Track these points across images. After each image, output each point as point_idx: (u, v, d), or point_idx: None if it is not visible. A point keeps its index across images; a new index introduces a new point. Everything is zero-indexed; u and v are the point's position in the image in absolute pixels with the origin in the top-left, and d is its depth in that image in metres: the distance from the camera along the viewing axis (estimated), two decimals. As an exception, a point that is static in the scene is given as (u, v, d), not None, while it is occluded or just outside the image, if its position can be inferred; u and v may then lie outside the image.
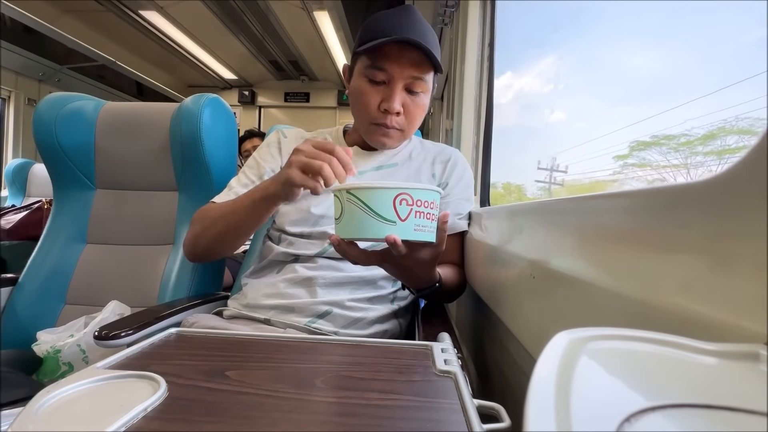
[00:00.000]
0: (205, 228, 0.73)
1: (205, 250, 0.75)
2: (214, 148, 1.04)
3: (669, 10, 0.67)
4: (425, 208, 0.50)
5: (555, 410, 0.13)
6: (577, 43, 1.04)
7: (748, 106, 0.50)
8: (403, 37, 0.67)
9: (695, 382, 0.16)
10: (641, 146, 0.75)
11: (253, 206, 0.66)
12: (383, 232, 0.49)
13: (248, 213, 0.67)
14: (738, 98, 0.50)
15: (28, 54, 3.21)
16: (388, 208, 0.49)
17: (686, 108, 0.60)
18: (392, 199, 0.48)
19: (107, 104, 1.13)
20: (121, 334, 0.64)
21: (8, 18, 2.83)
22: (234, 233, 0.71)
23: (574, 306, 0.35)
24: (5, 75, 3.15)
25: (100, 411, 0.28)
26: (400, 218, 0.49)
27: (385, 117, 0.73)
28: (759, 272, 0.20)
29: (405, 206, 0.49)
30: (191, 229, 0.76)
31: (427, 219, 0.51)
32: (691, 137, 0.65)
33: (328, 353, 0.42)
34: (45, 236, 1.08)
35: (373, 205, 0.49)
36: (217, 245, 0.74)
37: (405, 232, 0.49)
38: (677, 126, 0.65)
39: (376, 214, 0.49)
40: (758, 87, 0.42)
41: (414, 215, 0.49)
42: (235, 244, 0.75)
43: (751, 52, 0.47)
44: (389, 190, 0.48)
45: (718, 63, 0.59)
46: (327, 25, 3.28)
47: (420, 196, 0.49)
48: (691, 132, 0.64)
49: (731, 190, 0.23)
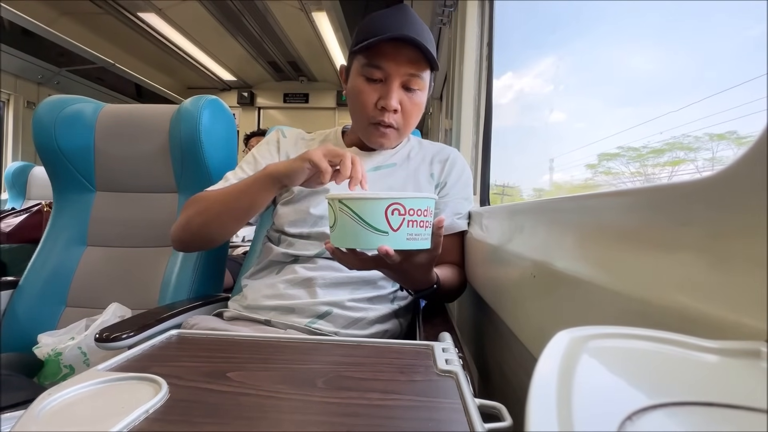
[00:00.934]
0: (198, 211, 0.71)
1: (194, 236, 0.73)
2: (214, 150, 1.04)
3: (669, 10, 0.67)
4: (418, 217, 0.50)
5: (557, 409, 0.13)
6: (577, 44, 1.05)
7: (730, 114, 0.53)
8: (399, 34, 0.67)
9: (696, 380, 0.16)
10: (607, 157, 0.86)
11: (254, 184, 0.66)
12: (376, 243, 0.49)
13: (247, 193, 0.67)
14: (730, 102, 0.51)
15: (27, 57, 3.21)
16: (379, 219, 0.48)
17: (683, 109, 0.61)
18: (384, 209, 0.48)
19: (106, 107, 1.13)
20: (122, 337, 0.64)
21: (7, 21, 2.83)
22: (229, 215, 0.70)
23: (575, 305, 0.35)
24: (4, 78, 3.15)
25: (101, 413, 0.28)
26: (392, 228, 0.49)
27: (382, 114, 0.73)
28: (759, 269, 0.20)
29: (397, 216, 0.49)
30: (182, 214, 0.74)
31: (421, 227, 0.51)
32: (643, 151, 0.76)
33: (329, 354, 0.42)
34: (45, 239, 1.08)
35: (365, 216, 0.48)
36: (208, 229, 0.71)
37: (397, 242, 0.49)
38: (644, 137, 0.73)
39: (369, 225, 0.48)
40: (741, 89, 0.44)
41: (407, 224, 0.49)
42: (228, 229, 0.73)
43: (750, 51, 0.47)
44: (381, 201, 0.48)
45: (717, 63, 0.60)
46: (325, 26, 3.29)
47: (413, 205, 0.49)
48: (648, 146, 0.74)
49: (731, 188, 0.23)
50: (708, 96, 0.57)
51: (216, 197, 0.71)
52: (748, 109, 0.48)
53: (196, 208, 0.72)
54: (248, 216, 0.71)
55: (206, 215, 0.70)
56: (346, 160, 0.59)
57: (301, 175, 0.62)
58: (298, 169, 0.62)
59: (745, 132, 0.56)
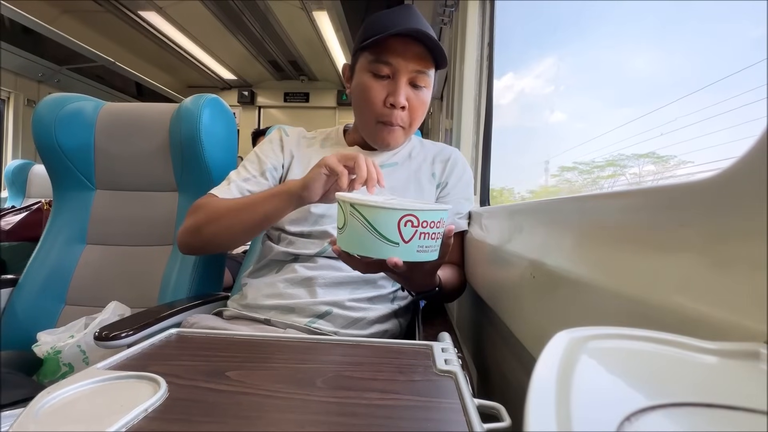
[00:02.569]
0: (210, 220, 0.71)
1: (204, 243, 0.73)
2: (214, 149, 1.04)
3: (669, 10, 0.67)
4: (431, 229, 0.48)
5: (555, 409, 0.13)
6: (578, 44, 1.05)
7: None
8: (408, 29, 0.67)
9: (695, 381, 0.16)
10: (565, 169, 1.06)
11: (271, 200, 0.65)
12: (385, 253, 0.47)
13: (263, 209, 0.66)
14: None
15: (28, 55, 3.21)
16: (392, 230, 0.47)
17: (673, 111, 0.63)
18: (397, 220, 0.46)
19: (107, 105, 1.13)
20: (122, 335, 0.64)
21: (7, 19, 2.83)
22: (242, 228, 0.69)
23: (575, 305, 0.35)
24: (5, 76, 3.15)
25: (100, 411, 0.28)
26: (403, 240, 0.47)
27: (390, 113, 0.73)
28: (759, 271, 0.20)
29: (410, 228, 0.47)
30: (191, 218, 0.73)
31: (432, 239, 0.49)
32: (589, 165, 0.96)
33: (329, 353, 0.42)
34: (45, 237, 1.08)
35: (376, 225, 0.47)
36: (219, 239, 0.72)
37: (407, 254, 0.48)
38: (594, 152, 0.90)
39: (380, 234, 0.47)
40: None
41: (418, 237, 0.48)
42: (239, 240, 0.73)
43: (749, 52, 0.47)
44: (394, 212, 0.46)
45: (717, 63, 0.60)
46: (326, 25, 3.29)
47: (426, 218, 0.47)
48: (594, 162, 0.93)
49: (731, 189, 0.23)
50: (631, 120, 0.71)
51: (229, 208, 0.70)
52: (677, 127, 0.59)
53: (207, 216, 0.71)
54: (261, 229, 0.71)
55: (218, 226, 0.70)
56: (360, 161, 0.59)
57: (319, 182, 0.61)
58: (315, 177, 0.61)
59: (663, 153, 0.72)
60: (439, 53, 0.70)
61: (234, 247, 0.76)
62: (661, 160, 0.74)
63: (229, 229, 0.70)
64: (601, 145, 0.84)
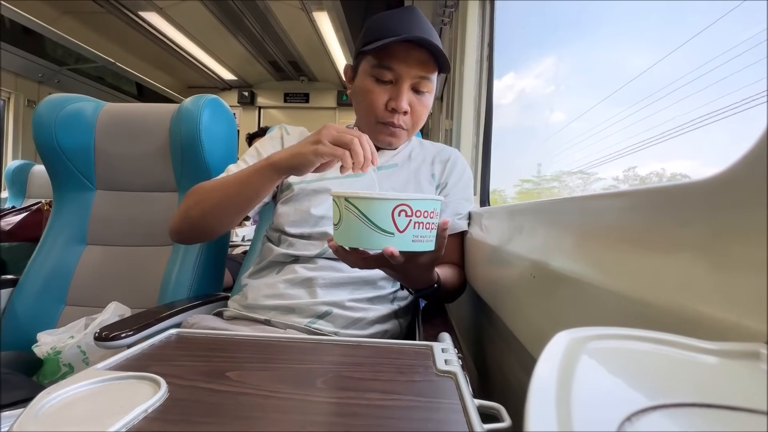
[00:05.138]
0: (198, 201, 0.69)
1: (193, 226, 0.71)
2: (214, 149, 1.04)
3: (669, 10, 0.67)
4: (425, 218, 0.49)
5: (556, 410, 0.13)
6: (578, 44, 1.05)
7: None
8: (412, 36, 0.67)
9: (696, 382, 0.16)
10: (525, 181, 1.32)
11: (256, 174, 0.64)
12: (381, 243, 0.48)
13: (248, 182, 0.65)
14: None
15: (28, 55, 3.21)
16: (386, 220, 0.48)
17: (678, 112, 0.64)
18: (391, 210, 0.48)
19: (107, 105, 1.13)
20: (122, 335, 0.64)
21: (8, 19, 2.83)
22: (228, 205, 0.68)
23: (575, 305, 0.35)
24: (5, 76, 3.15)
25: (100, 412, 0.28)
26: (398, 230, 0.48)
27: (392, 116, 0.73)
28: (759, 271, 0.20)
29: (404, 217, 0.48)
30: (181, 205, 0.72)
31: (427, 229, 0.50)
32: (542, 178, 1.20)
33: (329, 354, 0.42)
34: (45, 237, 1.08)
35: (371, 216, 0.48)
36: (207, 220, 0.70)
37: (403, 244, 0.49)
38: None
39: (375, 225, 0.48)
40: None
41: (413, 226, 0.49)
42: (228, 219, 0.71)
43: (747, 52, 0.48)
44: (388, 201, 0.48)
45: (716, 64, 0.60)
46: (326, 26, 3.29)
47: (419, 207, 0.49)
48: (545, 176, 1.17)
49: (731, 189, 0.23)
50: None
51: (215, 186, 0.69)
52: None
53: (195, 198, 0.70)
54: (249, 206, 0.69)
55: (205, 204, 0.69)
56: (356, 146, 0.56)
57: (309, 167, 0.59)
58: (305, 162, 0.59)
59: (590, 170, 0.90)
60: (442, 59, 0.70)
61: (224, 229, 0.73)
62: (586, 174, 0.96)
63: (217, 207, 0.68)
64: (598, 145, 0.88)
